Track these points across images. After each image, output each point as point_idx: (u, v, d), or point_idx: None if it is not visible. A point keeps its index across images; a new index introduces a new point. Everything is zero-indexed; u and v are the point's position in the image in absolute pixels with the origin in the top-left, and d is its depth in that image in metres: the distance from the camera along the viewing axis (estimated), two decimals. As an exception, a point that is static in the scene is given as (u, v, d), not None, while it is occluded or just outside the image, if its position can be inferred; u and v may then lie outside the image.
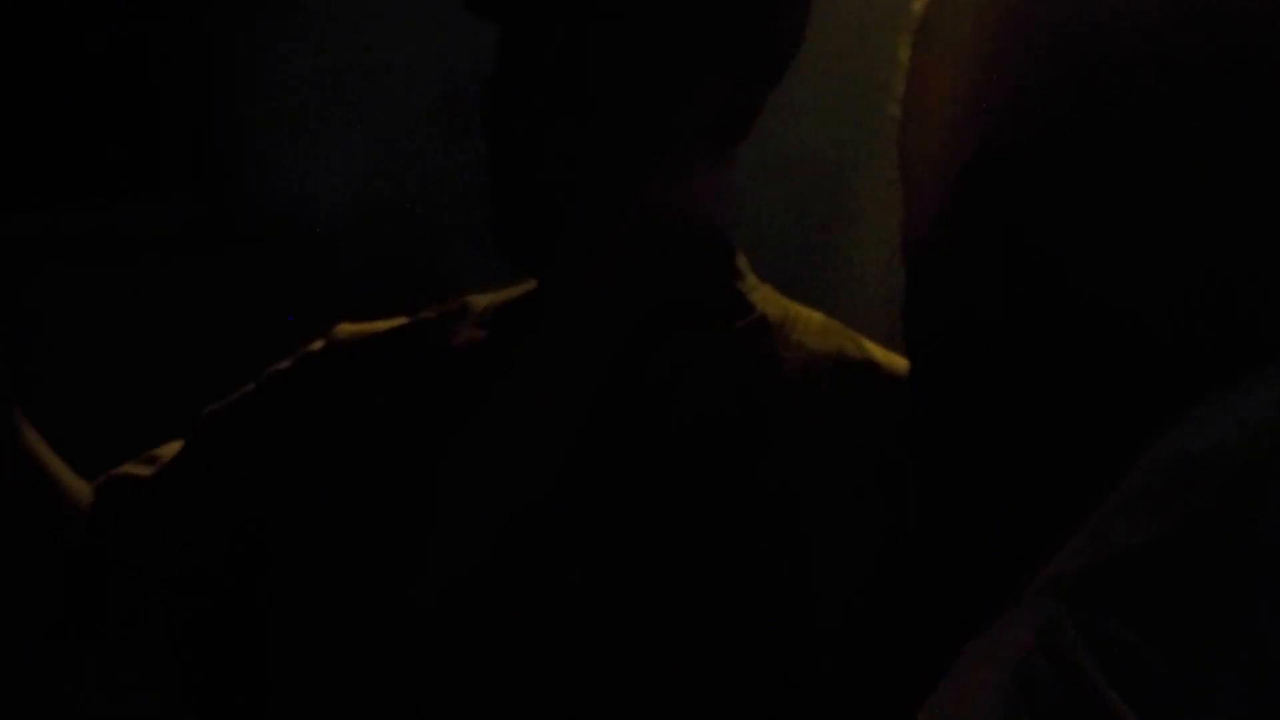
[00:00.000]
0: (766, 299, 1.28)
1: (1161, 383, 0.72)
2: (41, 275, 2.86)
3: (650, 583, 1.18)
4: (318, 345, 1.35)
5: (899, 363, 1.21)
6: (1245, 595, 0.64)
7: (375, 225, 2.92)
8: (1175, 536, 0.66)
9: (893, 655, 1.09)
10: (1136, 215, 0.71)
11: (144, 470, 1.35)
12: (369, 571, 1.23)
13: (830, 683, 1.15)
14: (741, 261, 1.28)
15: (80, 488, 1.33)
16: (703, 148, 1.23)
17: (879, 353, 1.24)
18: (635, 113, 1.21)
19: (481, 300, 1.34)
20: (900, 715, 0.69)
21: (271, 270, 2.92)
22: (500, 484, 1.22)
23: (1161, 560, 0.65)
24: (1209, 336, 0.71)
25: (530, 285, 1.31)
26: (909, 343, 0.80)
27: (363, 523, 1.25)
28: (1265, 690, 0.63)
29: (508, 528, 1.20)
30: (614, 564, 1.19)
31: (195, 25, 2.98)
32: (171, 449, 1.36)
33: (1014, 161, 0.73)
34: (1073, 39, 0.72)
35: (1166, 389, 0.71)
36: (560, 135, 1.20)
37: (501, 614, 1.20)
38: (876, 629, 1.14)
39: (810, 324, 1.27)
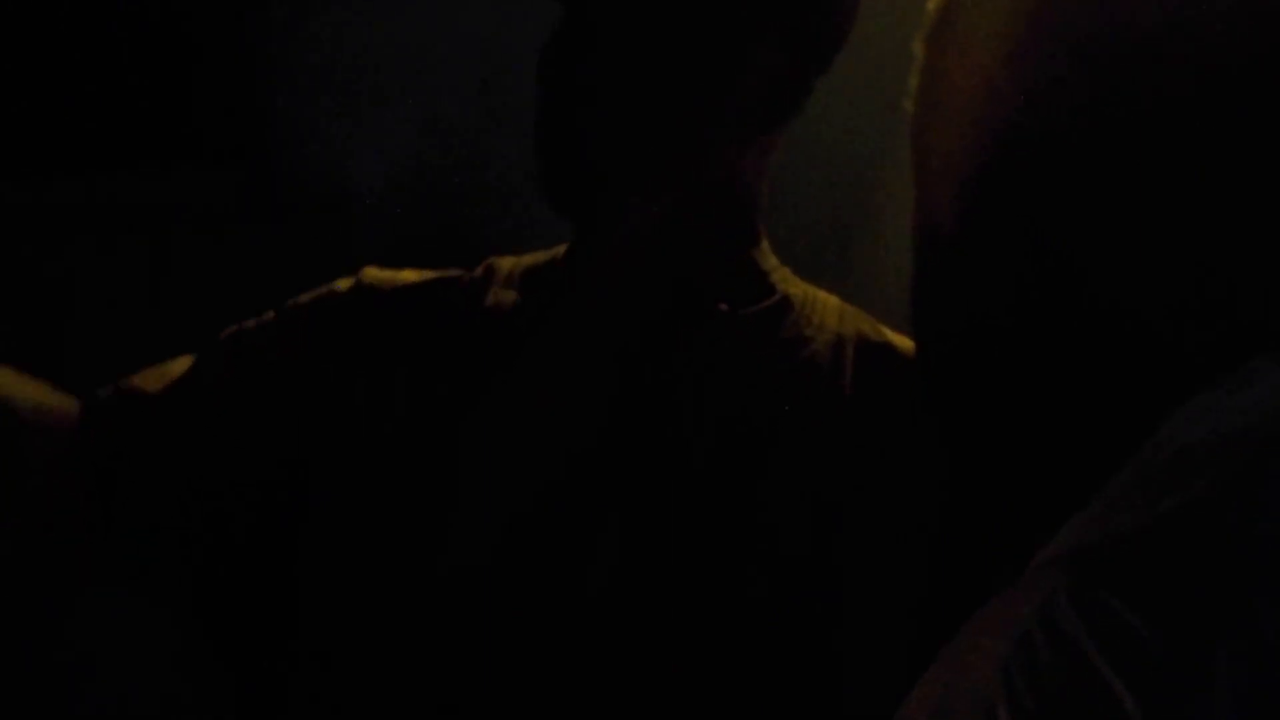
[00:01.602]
0: (787, 280, 1.33)
1: (1166, 374, 0.74)
2: (73, 245, 2.89)
3: (674, 562, 1.22)
4: (344, 284, 1.39)
5: (910, 344, 1.26)
6: (1244, 578, 0.67)
7: (416, 201, 2.95)
8: (1175, 519, 0.69)
9: (917, 632, 1.13)
10: (1151, 214, 0.74)
11: (154, 385, 1.38)
12: (396, 528, 1.26)
13: (853, 663, 1.20)
14: (766, 243, 1.34)
15: (53, 401, 1.35)
16: (750, 126, 1.28)
17: (894, 335, 1.29)
18: (688, 82, 1.25)
19: (507, 262, 1.38)
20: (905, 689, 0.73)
21: (310, 245, 2.95)
22: (523, 452, 1.26)
23: (1161, 542, 0.69)
24: (1214, 331, 0.74)
25: (556, 251, 1.36)
26: (918, 337, 0.84)
27: (389, 477, 1.27)
28: (1262, 672, 0.65)
29: (530, 498, 1.24)
30: (637, 541, 1.23)
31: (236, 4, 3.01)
32: (180, 366, 1.39)
33: (1030, 158, 0.76)
34: (1091, 36, 0.74)
35: (1170, 380, 0.74)
36: (614, 100, 1.24)
37: (521, 586, 1.24)
38: (904, 610, 1.18)
39: (830, 306, 1.32)
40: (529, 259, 1.38)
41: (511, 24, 2.47)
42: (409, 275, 1.38)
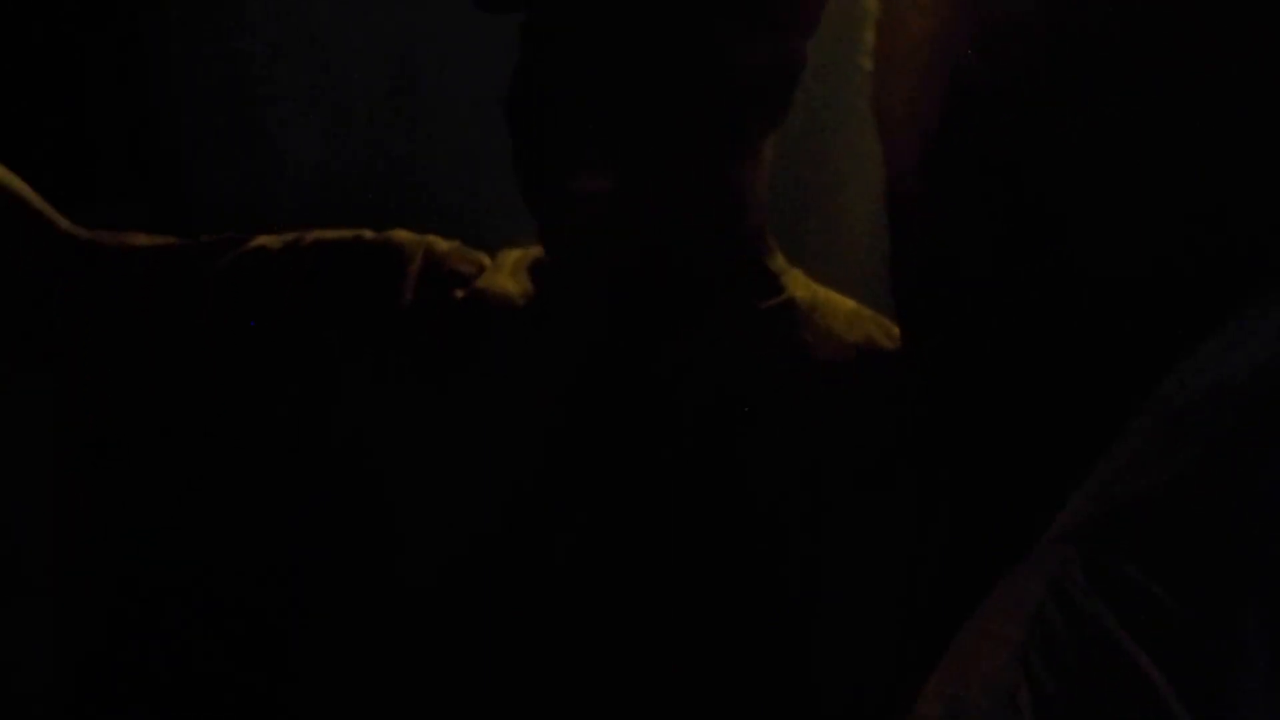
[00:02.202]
0: (796, 281, 1.32)
1: (1159, 323, 0.73)
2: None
3: (653, 549, 1.21)
4: (371, 235, 1.39)
5: None
6: (1263, 534, 0.65)
7: (340, 204, 2.93)
8: (1186, 479, 0.67)
9: (917, 638, 1.12)
10: (1116, 152, 0.73)
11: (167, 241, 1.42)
12: (374, 514, 1.27)
13: (840, 652, 1.19)
14: (772, 240, 1.32)
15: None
16: (742, 127, 1.27)
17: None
18: (691, 88, 1.25)
19: (515, 254, 1.38)
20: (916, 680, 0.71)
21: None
22: (499, 441, 1.26)
23: (1176, 503, 0.67)
24: (1206, 271, 0.72)
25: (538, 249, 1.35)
26: (896, 295, 0.82)
27: (368, 462, 1.27)
28: None
29: (510, 485, 1.24)
30: (614, 528, 1.22)
31: (129, 13, 2.97)
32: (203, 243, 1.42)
33: (992, 105, 0.75)
34: None
35: (1165, 329, 0.72)
36: (617, 121, 1.23)
37: (499, 570, 1.23)
38: (900, 617, 1.18)
39: (839, 310, 1.31)
40: (536, 251, 1.37)
41: (423, 27, 2.45)
42: (439, 245, 1.37)
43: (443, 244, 1.38)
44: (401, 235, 1.39)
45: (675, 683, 1.20)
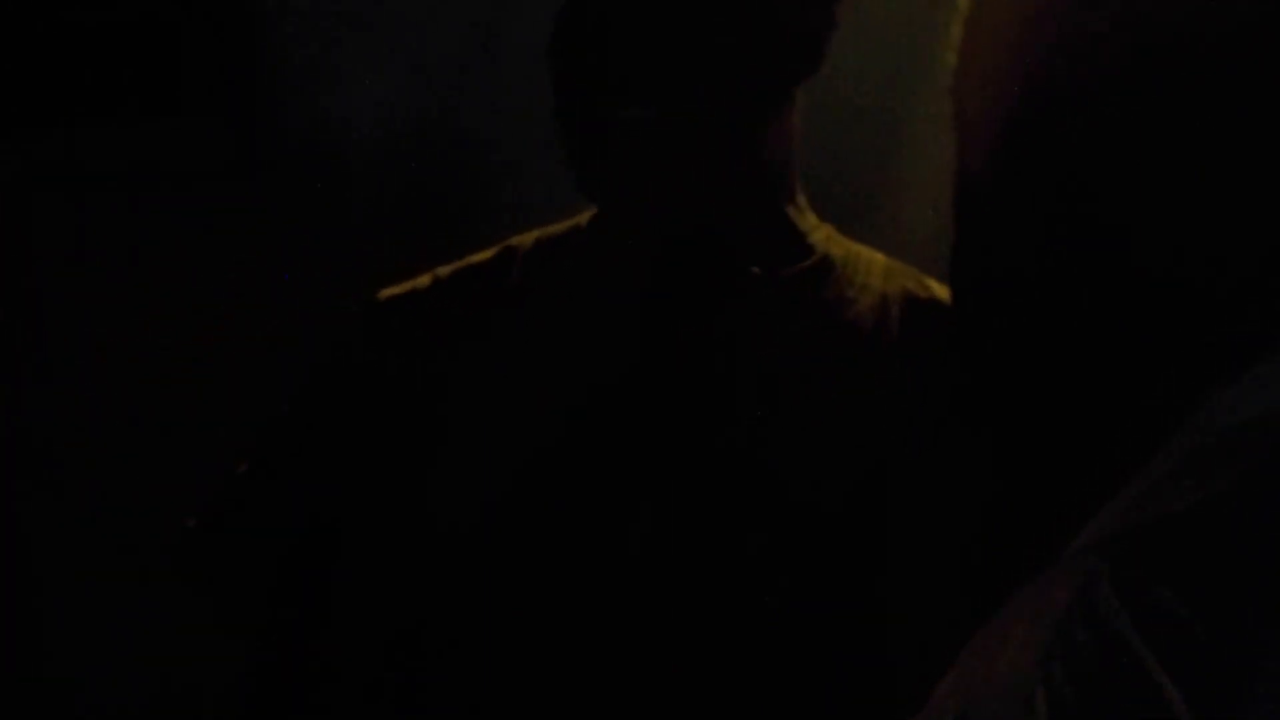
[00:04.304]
0: (830, 239, 1.34)
1: (1213, 342, 0.75)
2: (39, 203, 2.90)
3: (713, 526, 1.25)
4: (362, 322, 1.43)
5: None
6: None
7: (410, 154, 2.96)
8: (1223, 501, 0.69)
9: (966, 596, 1.15)
10: (1193, 168, 0.74)
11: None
12: (446, 531, 1.32)
13: (899, 619, 1.22)
14: (802, 199, 1.35)
15: None
16: (771, 84, 1.30)
17: (944, 291, 1.31)
18: (732, 27, 1.28)
19: (527, 240, 1.41)
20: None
21: (296, 203, 2.96)
22: (556, 420, 1.30)
23: (1210, 525, 0.68)
24: (1263, 295, 0.74)
25: (574, 221, 1.38)
26: (954, 293, 0.85)
27: (445, 470, 1.32)
28: None
29: (568, 465, 1.28)
30: (675, 507, 1.25)
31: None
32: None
33: (1068, 112, 0.76)
34: None
35: (1218, 349, 0.74)
36: (656, 75, 1.26)
37: (563, 551, 1.27)
38: (954, 572, 1.20)
39: (874, 265, 1.33)
40: (550, 231, 1.40)
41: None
42: (422, 282, 1.42)
43: (429, 276, 1.42)
44: (389, 295, 1.42)
45: (747, 650, 1.23)
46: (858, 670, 1.24)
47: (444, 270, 1.43)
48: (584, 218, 1.39)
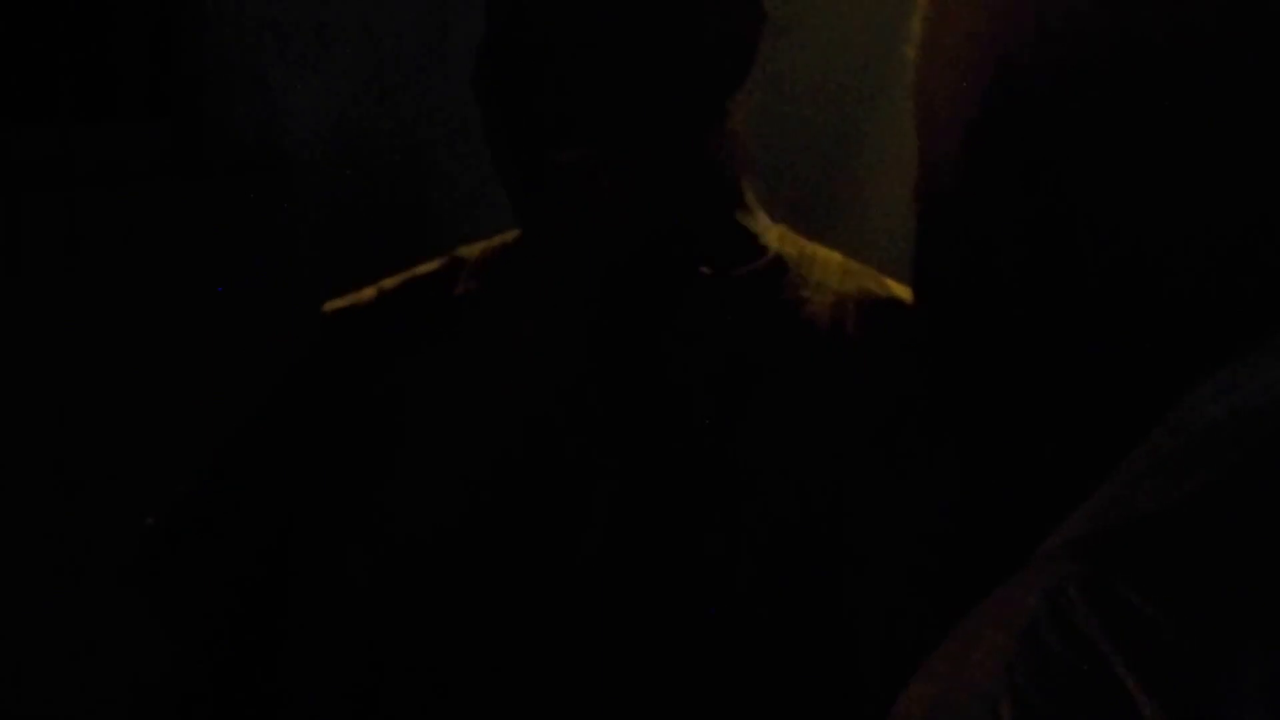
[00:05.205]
0: (783, 238, 1.34)
1: (1185, 340, 0.74)
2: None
3: (668, 528, 1.24)
4: (314, 333, 1.43)
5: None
6: (1268, 567, 0.66)
7: (356, 158, 2.95)
8: (1196, 503, 0.68)
9: (930, 601, 1.15)
10: (1162, 159, 0.74)
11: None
12: (399, 542, 1.31)
13: (862, 624, 1.22)
14: (752, 199, 1.35)
15: None
16: (710, 88, 1.30)
17: (902, 290, 1.30)
18: (669, 54, 1.28)
19: (474, 250, 1.40)
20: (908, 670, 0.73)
21: (240, 206, 2.94)
22: (506, 428, 1.29)
23: (1181, 528, 0.68)
24: (1236, 289, 0.74)
25: (519, 231, 1.38)
26: (919, 289, 0.84)
27: (395, 494, 1.32)
28: None
29: (520, 471, 1.27)
30: (630, 510, 1.25)
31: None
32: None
33: (1037, 102, 0.76)
34: None
35: (1191, 347, 0.74)
36: (592, 114, 1.26)
37: (516, 556, 1.27)
38: (917, 573, 1.20)
39: (830, 264, 1.33)
40: (496, 242, 1.40)
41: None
42: (367, 295, 1.41)
43: (374, 289, 1.42)
44: (334, 306, 1.42)
45: (708, 653, 1.23)
46: (821, 673, 1.23)
47: (389, 282, 1.42)
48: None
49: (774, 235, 1.34)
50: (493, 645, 1.27)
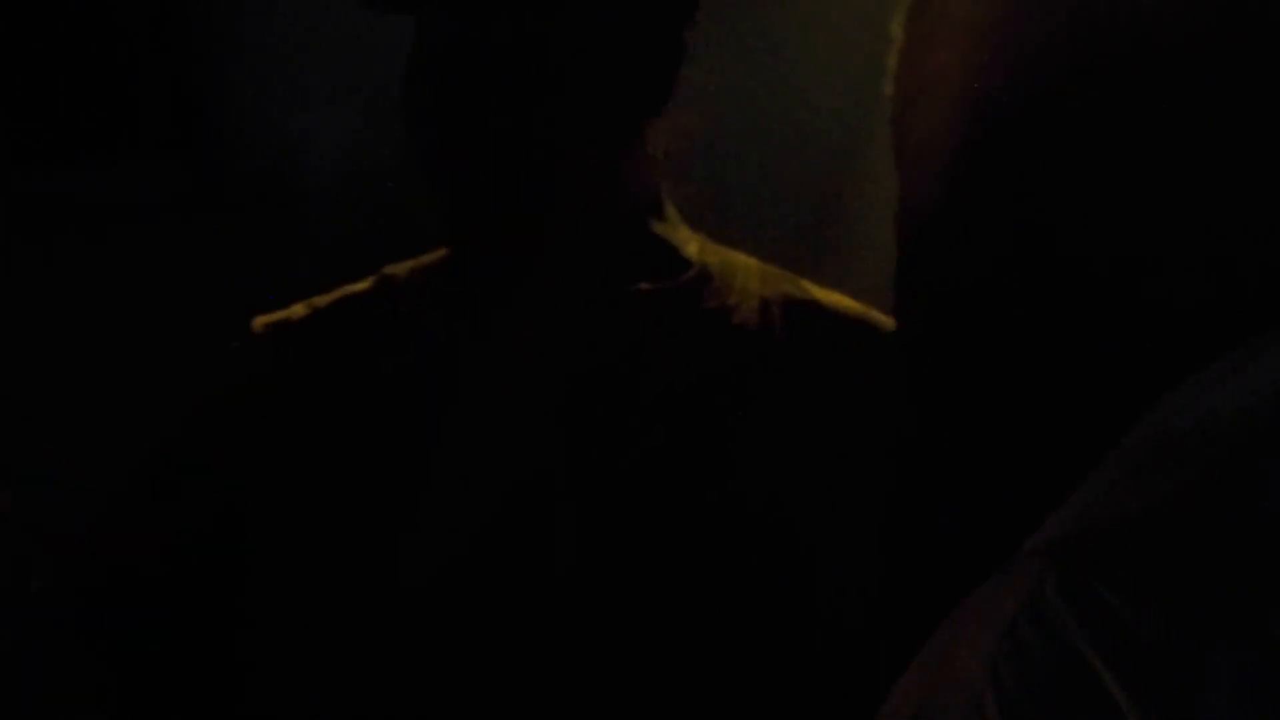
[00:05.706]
0: (704, 249, 1.37)
1: (1159, 352, 0.76)
2: (10, 241, 2.89)
3: (635, 545, 1.26)
4: (241, 351, 1.43)
5: (837, 299, 1.32)
6: (1241, 566, 0.68)
7: (368, 192, 2.97)
8: (1169, 505, 0.70)
9: (890, 609, 1.17)
10: (1140, 186, 0.76)
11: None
12: (352, 561, 1.31)
13: (826, 624, 1.24)
14: (672, 212, 1.38)
15: None
16: (647, 103, 1.33)
17: (820, 292, 1.34)
18: (601, 81, 1.30)
19: (402, 269, 1.42)
20: (889, 675, 0.75)
21: (257, 239, 2.96)
22: (472, 458, 1.31)
23: (1156, 529, 0.70)
24: (1210, 307, 0.76)
25: (444, 252, 1.40)
26: (900, 318, 0.87)
27: (342, 516, 1.32)
28: (1261, 664, 0.65)
29: (485, 501, 1.28)
30: (596, 530, 1.27)
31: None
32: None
33: (1014, 135, 0.78)
34: (1072, 6, 0.76)
35: (1164, 358, 0.76)
36: (543, 116, 1.28)
37: (491, 598, 1.28)
38: (872, 577, 1.23)
39: (750, 270, 1.36)
40: (424, 260, 1.42)
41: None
42: (297, 311, 1.42)
43: (305, 306, 1.43)
44: (265, 320, 1.43)
45: (675, 677, 1.25)
46: (795, 678, 1.26)
47: (321, 300, 1.44)
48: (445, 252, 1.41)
49: (695, 248, 1.37)
50: (466, 664, 1.28)
